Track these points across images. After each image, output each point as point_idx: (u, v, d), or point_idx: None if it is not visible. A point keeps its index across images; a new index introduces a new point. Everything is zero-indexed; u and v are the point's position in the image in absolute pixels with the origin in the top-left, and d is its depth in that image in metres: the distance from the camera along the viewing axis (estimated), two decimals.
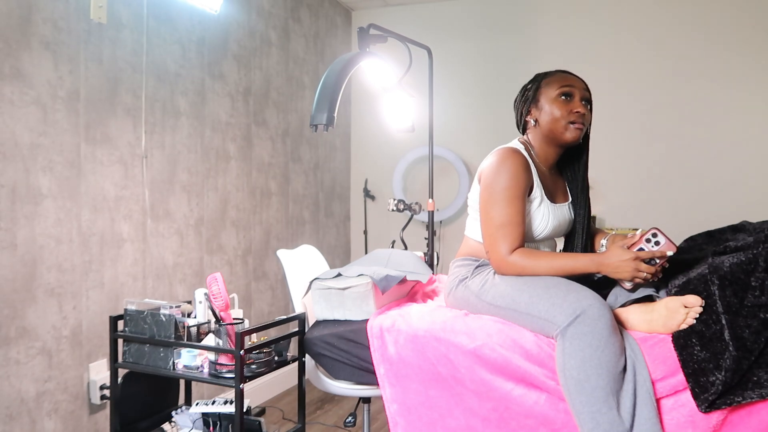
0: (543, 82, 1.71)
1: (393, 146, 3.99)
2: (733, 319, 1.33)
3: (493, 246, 1.59)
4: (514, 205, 1.57)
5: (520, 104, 1.78)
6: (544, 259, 1.55)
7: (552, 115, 1.66)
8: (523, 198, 1.60)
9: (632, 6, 3.56)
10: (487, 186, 1.62)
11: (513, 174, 1.58)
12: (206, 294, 1.80)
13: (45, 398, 2.09)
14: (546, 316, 1.47)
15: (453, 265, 1.77)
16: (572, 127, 1.64)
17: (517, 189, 1.58)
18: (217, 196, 2.92)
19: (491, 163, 1.64)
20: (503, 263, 1.57)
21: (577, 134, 1.65)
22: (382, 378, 1.64)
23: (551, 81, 1.69)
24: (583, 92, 1.67)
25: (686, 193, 3.47)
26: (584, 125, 1.66)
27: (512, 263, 1.56)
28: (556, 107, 1.65)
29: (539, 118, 1.69)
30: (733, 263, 1.36)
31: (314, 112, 1.94)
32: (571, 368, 1.39)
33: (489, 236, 1.60)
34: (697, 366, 1.35)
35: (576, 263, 1.54)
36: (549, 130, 1.68)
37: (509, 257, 1.56)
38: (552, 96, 1.67)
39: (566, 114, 1.64)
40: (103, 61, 2.29)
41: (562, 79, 1.68)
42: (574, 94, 1.66)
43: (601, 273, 1.52)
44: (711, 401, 1.33)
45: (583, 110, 1.65)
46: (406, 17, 4.02)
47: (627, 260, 1.47)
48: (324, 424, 2.96)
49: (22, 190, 2.00)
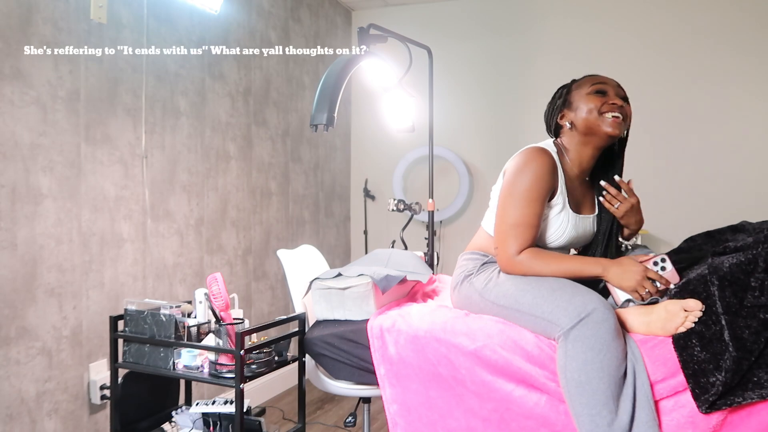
0: (574, 85, 1.70)
1: (393, 146, 3.99)
2: (732, 320, 1.33)
3: (502, 244, 1.58)
4: (531, 207, 1.55)
5: (550, 112, 1.75)
6: (553, 261, 1.54)
7: (588, 109, 1.61)
8: (542, 201, 1.57)
9: (633, 6, 3.55)
10: (509, 183, 1.60)
11: (537, 175, 1.56)
12: (206, 294, 1.80)
13: (45, 398, 2.09)
14: (549, 318, 1.47)
15: (462, 258, 1.75)
16: (610, 119, 1.58)
17: (539, 191, 1.56)
18: (217, 196, 2.92)
19: (517, 161, 1.61)
20: (510, 262, 1.56)
21: (617, 127, 1.58)
22: (383, 378, 1.64)
23: (583, 82, 1.68)
24: (617, 89, 1.64)
25: (686, 193, 3.47)
26: (623, 119, 1.61)
27: (519, 263, 1.55)
28: (591, 102, 1.61)
29: (574, 119, 1.65)
30: (733, 264, 1.36)
31: (314, 112, 1.94)
32: (573, 370, 1.39)
33: (500, 233, 1.59)
34: (698, 367, 1.35)
35: (584, 266, 1.54)
36: (586, 127, 1.62)
37: (517, 257, 1.55)
38: (585, 93, 1.64)
39: (601, 105, 1.60)
40: (103, 61, 2.29)
41: (594, 78, 1.66)
42: (608, 91, 1.62)
43: (605, 278, 1.52)
44: (711, 402, 1.33)
45: (620, 102, 1.60)
46: (406, 17, 4.02)
47: (636, 270, 1.47)
48: (324, 424, 2.96)
49: (22, 190, 2.00)
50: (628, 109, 1.63)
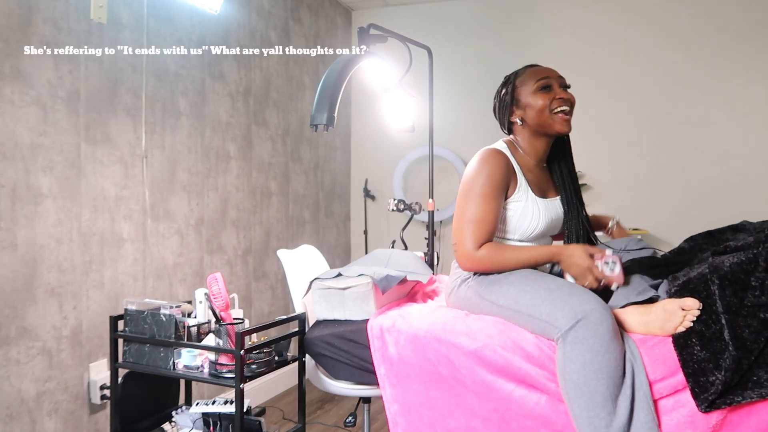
0: (517, 82, 1.74)
1: (393, 146, 3.99)
2: (732, 319, 1.33)
3: (460, 241, 1.60)
4: (487, 203, 1.59)
5: (500, 110, 1.80)
6: (509, 252, 1.58)
7: (537, 107, 1.67)
8: (498, 198, 1.61)
9: (632, 7, 3.56)
10: (465, 184, 1.65)
11: (490, 173, 1.61)
12: (206, 294, 1.80)
13: (45, 398, 2.09)
14: (547, 319, 1.47)
15: (454, 266, 1.77)
16: (560, 117, 1.66)
17: (493, 188, 1.60)
18: (218, 196, 2.92)
19: (472, 163, 1.66)
20: (469, 257, 1.59)
21: (567, 124, 1.67)
22: (383, 378, 1.64)
23: (525, 78, 1.72)
24: (560, 79, 1.70)
25: (686, 193, 3.47)
26: (570, 111, 1.67)
27: (479, 258, 1.58)
28: (539, 98, 1.66)
29: (524, 117, 1.71)
30: (733, 263, 1.36)
31: (314, 112, 1.94)
32: (571, 372, 1.39)
33: (458, 231, 1.61)
34: (697, 366, 1.35)
35: (539, 253, 1.58)
36: (537, 124, 1.69)
37: (475, 252, 1.58)
38: (531, 90, 1.69)
39: (550, 101, 1.66)
40: (103, 61, 2.29)
41: (536, 73, 1.71)
42: (552, 84, 1.68)
43: (558, 261, 1.56)
44: (711, 401, 1.33)
45: (566, 95, 1.66)
46: (406, 17, 4.02)
47: (582, 265, 1.52)
48: (324, 424, 2.96)
49: (22, 190, 2.00)
50: (572, 98, 1.69)
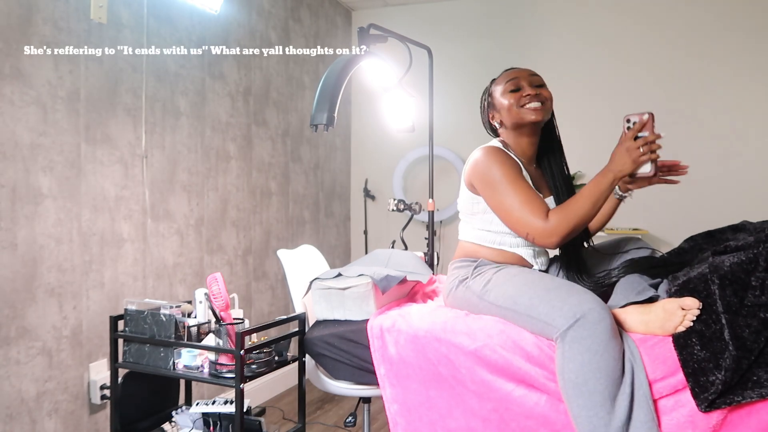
0: (493, 85, 1.79)
1: (393, 146, 3.99)
2: (733, 319, 1.33)
3: (527, 226, 1.56)
4: (519, 185, 1.59)
5: (482, 115, 1.85)
6: (577, 202, 1.53)
7: (508, 106, 1.70)
8: (522, 177, 1.62)
9: (632, 6, 3.56)
10: (486, 181, 1.63)
11: (502, 161, 1.62)
12: (206, 294, 1.80)
13: (45, 398, 2.09)
14: (546, 319, 1.47)
15: (451, 267, 1.78)
16: (530, 107, 1.67)
17: (514, 172, 1.61)
18: (217, 196, 2.92)
19: (477, 161, 1.66)
20: (547, 231, 1.54)
21: (537, 113, 1.67)
22: (383, 378, 1.64)
23: (499, 80, 1.77)
24: (530, 78, 1.72)
25: (687, 193, 3.47)
26: (543, 104, 1.68)
27: (554, 226, 1.53)
28: (509, 99, 1.70)
29: (501, 118, 1.75)
30: (734, 263, 1.36)
31: (314, 112, 1.94)
32: (570, 372, 1.39)
33: (516, 222, 1.58)
34: (697, 365, 1.35)
35: (599, 184, 1.52)
36: (511, 122, 1.72)
37: (548, 224, 1.54)
38: (501, 92, 1.73)
39: (518, 99, 1.69)
40: (103, 61, 2.29)
41: (507, 75, 1.75)
42: (522, 84, 1.70)
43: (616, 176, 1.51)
44: (711, 401, 1.33)
45: (534, 92, 1.68)
46: (406, 17, 4.02)
47: (619, 151, 1.49)
48: (324, 424, 2.96)
49: (22, 190, 2.00)
50: (545, 92, 1.71)
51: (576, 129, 3.61)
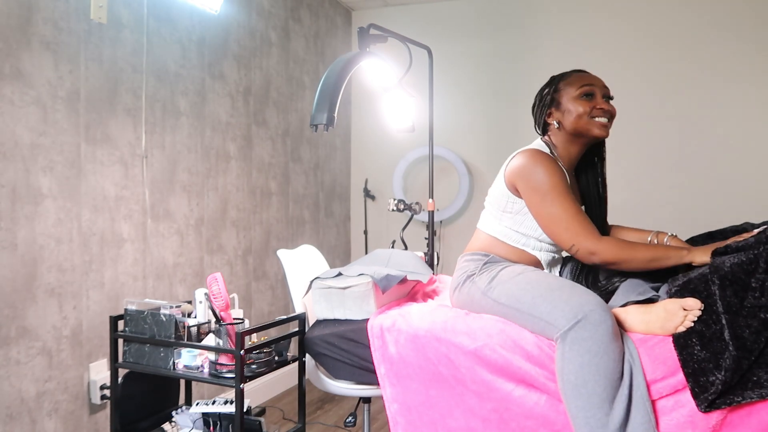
0: (561, 84, 1.72)
1: (393, 146, 3.99)
2: (733, 319, 1.33)
3: (575, 239, 1.56)
4: (569, 197, 1.58)
5: (538, 109, 1.78)
6: (639, 250, 1.52)
7: (576, 113, 1.65)
8: (570, 190, 1.61)
9: (633, 6, 3.56)
10: (535, 188, 1.60)
11: (554, 170, 1.59)
12: (206, 294, 1.80)
13: (45, 398, 2.09)
14: (548, 318, 1.47)
15: (462, 260, 1.76)
16: (598, 122, 1.65)
17: (564, 183, 1.59)
18: (218, 196, 2.92)
19: (525, 165, 1.62)
20: (594, 249, 1.54)
21: (604, 130, 1.66)
22: (383, 378, 1.64)
23: (570, 81, 1.70)
24: (604, 89, 1.69)
25: (687, 194, 3.47)
26: (610, 120, 1.67)
27: (605, 248, 1.53)
28: (580, 105, 1.65)
29: (562, 120, 1.70)
30: (734, 263, 1.36)
31: (314, 112, 1.94)
32: (569, 373, 1.39)
33: (564, 232, 1.57)
34: (697, 366, 1.35)
35: (673, 254, 1.51)
36: (574, 129, 1.67)
37: (598, 244, 1.53)
38: (573, 95, 1.67)
39: (590, 110, 1.65)
40: (103, 61, 2.29)
41: (581, 79, 1.69)
42: (596, 93, 1.67)
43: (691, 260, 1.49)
44: (711, 401, 1.33)
45: (607, 106, 1.66)
46: (406, 17, 4.02)
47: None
48: (324, 424, 2.96)
49: (22, 190, 2.00)
50: (613, 110, 1.68)
51: None
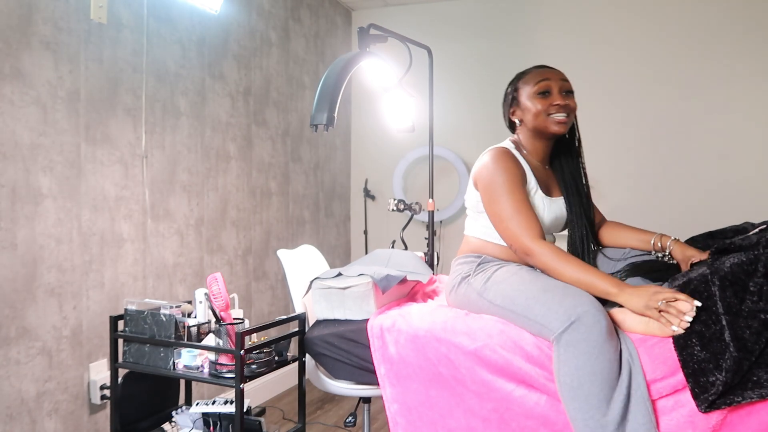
0: (520, 82, 1.75)
1: (393, 146, 3.99)
2: (733, 320, 1.32)
3: (513, 237, 1.59)
4: (516, 195, 1.60)
5: (503, 107, 1.83)
6: (571, 266, 1.51)
7: (534, 111, 1.68)
8: (522, 189, 1.62)
9: (632, 7, 3.55)
10: (486, 186, 1.64)
11: (507, 168, 1.62)
12: (206, 294, 1.80)
13: (45, 398, 2.09)
14: (542, 321, 1.46)
15: (455, 263, 1.77)
16: (556, 119, 1.66)
17: (515, 181, 1.61)
18: (218, 196, 2.92)
19: (484, 164, 1.67)
20: (528, 250, 1.56)
21: (562, 126, 1.67)
22: (383, 378, 1.64)
23: (528, 79, 1.72)
24: (561, 83, 1.69)
25: (687, 194, 3.47)
26: (568, 116, 1.68)
27: (538, 254, 1.54)
28: (538, 103, 1.68)
29: (523, 117, 1.73)
30: (734, 263, 1.35)
31: (314, 112, 1.94)
32: (565, 375, 1.39)
33: (504, 230, 1.61)
34: (697, 366, 1.35)
35: (598, 282, 1.47)
36: (534, 127, 1.70)
37: (533, 244, 1.55)
38: (530, 93, 1.69)
39: (547, 107, 1.67)
40: (103, 61, 2.29)
41: (538, 75, 1.70)
42: (552, 88, 1.68)
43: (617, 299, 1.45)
44: (711, 401, 1.33)
45: (563, 101, 1.66)
46: (406, 17, 4.02)
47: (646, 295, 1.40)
48: (324, 424, 2.96)
49: (22, 190, 2.00)
50: (572, 103, 1.69)
51: None
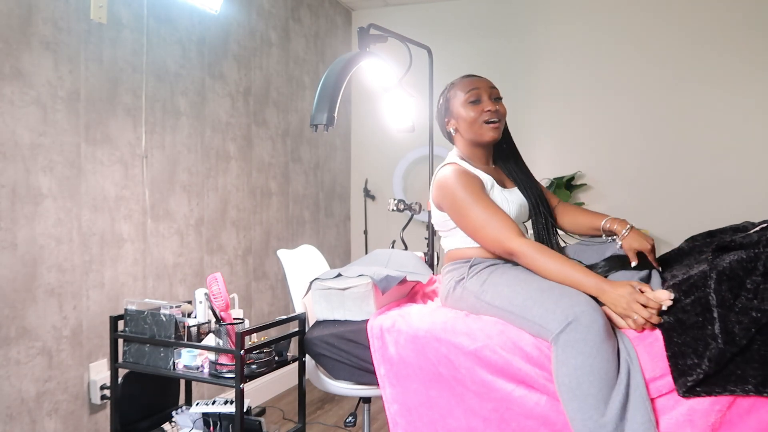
0: (450, 93, 1.79)
1: (393, 146, 3.99)
2: (725, 314, 1.32)
3: (493, 243, 1.61)
4: (482, 202, 1.62)
5: (437, 118, 1.86)
6: (554, 261, 1.52)
7: (468, 120, 1.72)
8: (485, 195, 1.66)
9: (632, 7, 3.55)
10: (452, 205, 1.67)
11: (463, 182, 1.65)
12: (206, 294, 1.81)
13: (45, 398, 2.09)
14: (540, 322, 1.47)
15: (444, 272, 1.78)
16: (489, 127, 1.72)
17: (476, 191, 1.64)
18: (217, 196, 2.92)
19: (441, 185, 1.70)
20: (511, 251, 1.57)
21: (495, 133, 1.72)
22: (383, 378, 1.64)
23: (457, 89, 1.77)
24: (490, 90, 1.74)
25: (687, 193, 3.47)
26: (500, 120, 1.73)
27: (521, 254, 1.56)
28: (471, 111, 1.72)
29: (458, 126, 1.77)
30: (734, 260, 1.35)
31: (314, 112, 1.94)
32: (564, 375, 1.39)
33: (483, 238, 1.63)
34: (678, 349, 1.36)
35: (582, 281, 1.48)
36: (470, 138, 1.75)
37: (514, 244, 1.56)
38: (461, 102, 1.74)
39: (479, 114, 1.71)
40: (103, 61, 2.29)
41: (467, 84, 1.75)
42: (481, 96, 1.72)
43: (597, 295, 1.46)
44: (689, 387, 1.33)
45: (494, 107, 1.71)
46: (406, 17, 4.02)
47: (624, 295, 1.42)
48: (324, 424, 2.96)
49: (22, 190, 2.00)
50: (502, 108, 1.75)
51: (577, 127, 3.61)
